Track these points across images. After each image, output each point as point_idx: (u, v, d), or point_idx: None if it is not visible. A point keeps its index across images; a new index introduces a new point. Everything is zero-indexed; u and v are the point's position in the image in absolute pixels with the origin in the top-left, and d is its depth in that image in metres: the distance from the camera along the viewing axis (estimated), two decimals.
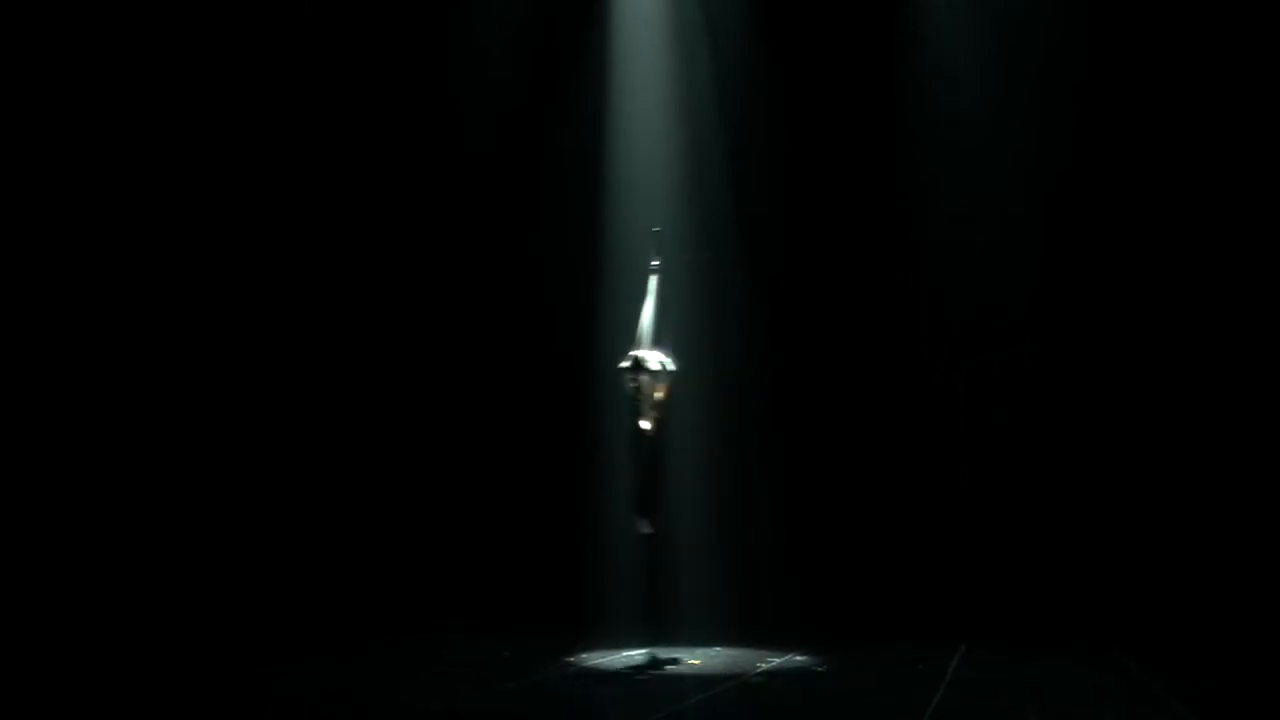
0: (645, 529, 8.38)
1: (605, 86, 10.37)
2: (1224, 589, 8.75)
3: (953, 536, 9.51)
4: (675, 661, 7.92)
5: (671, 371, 8.49)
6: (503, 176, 10.49)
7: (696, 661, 7.81)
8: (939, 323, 9.81)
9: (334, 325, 10.24)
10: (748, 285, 10.19)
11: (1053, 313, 9.53)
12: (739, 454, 9.99)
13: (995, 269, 9.64)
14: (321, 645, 8.44)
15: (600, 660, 7.84)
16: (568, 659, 7.82)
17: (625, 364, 8.36)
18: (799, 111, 10.12)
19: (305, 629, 9.00)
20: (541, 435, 10.29)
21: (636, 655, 8.07)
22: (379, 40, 10.35)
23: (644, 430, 8.28)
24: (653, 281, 8.67)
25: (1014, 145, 9.58)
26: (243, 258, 10.00)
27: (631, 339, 8.59)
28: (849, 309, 9.95)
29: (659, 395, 8.37)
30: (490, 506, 10.26)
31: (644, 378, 8.30)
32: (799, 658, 7.91)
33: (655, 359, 8.41)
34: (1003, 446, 9.55)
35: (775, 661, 7.79)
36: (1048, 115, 9.59)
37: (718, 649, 8.32)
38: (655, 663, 7.89)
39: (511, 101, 10.43)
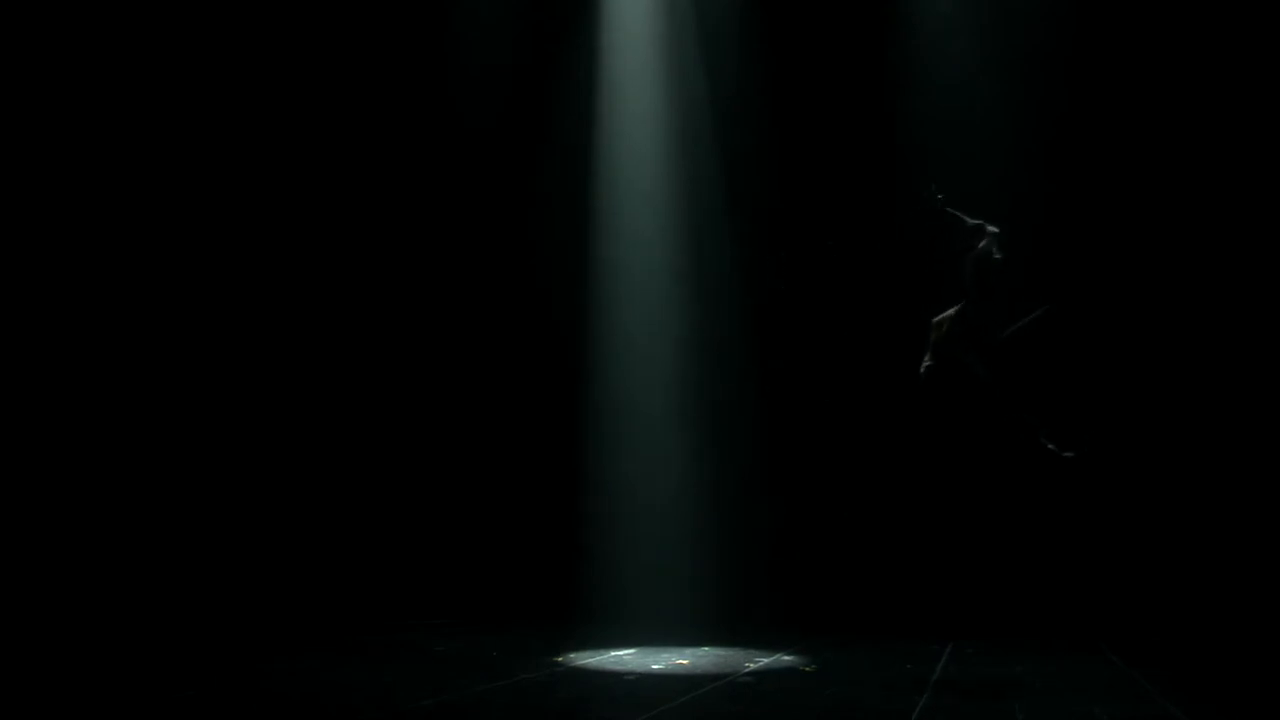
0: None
1: (598, 85, 10.40)
2: (1209, 586, 8.80)
3: (941, 536, 9.54)
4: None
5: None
6: (498, 176, 10.52)
7: (685, 661, 7.80)
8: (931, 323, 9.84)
9: (328, 324, 10.25)
10: (740, 284, 10.23)
11: (1042, 314, 9.56)
12: (731, 451, 10.02)
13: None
14: (312, 640, 8.43)
15: (588, 659, 7.84)
16: (556, 657, 7.81)
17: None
18: (796, 109, 10.16)
19: (296, 624, 8.99)
20: (533, 430, 10.31)
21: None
22: (369, 41, 10.37)
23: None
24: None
25: (1011, 146, 9.63)
26: (237, 257, 10.01)
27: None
28: (843, 310, 9.98)
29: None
30: (481, 505, 10.28)
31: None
32: (787, 657, 7.91)
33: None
34: (990, 446, 9.57)
35: (764, 661, 7.78)
36: (1044, 118, 9.63)
37: (706, 648, 8.33)
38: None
39: (505, 94, 10.46)
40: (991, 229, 8.11)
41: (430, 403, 10.47)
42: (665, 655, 8.02)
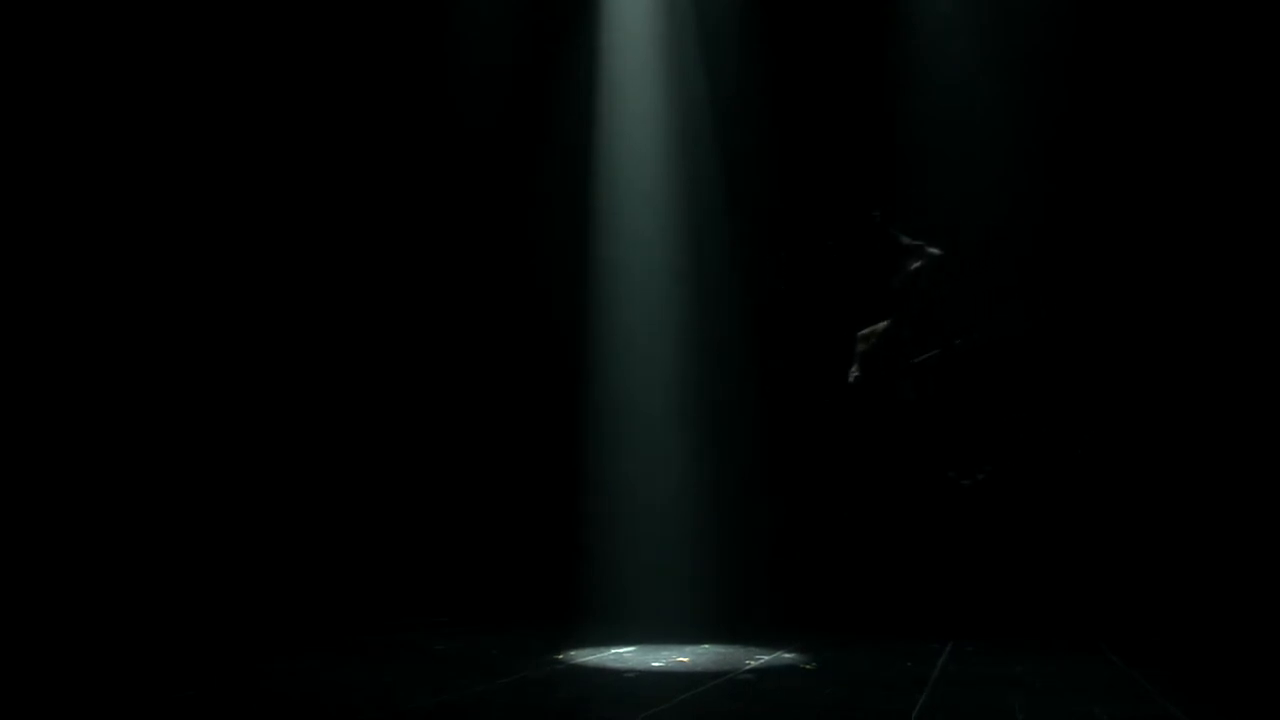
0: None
1: (598, 85, 10.40)
2: (1210, 585, 8.79)
3: (940, 534, 9.54)
4: None
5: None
6: (498, 176, 10.52)
7: (685, 659, 7.81)
8: (928, 319, 9.84)
9: (328, 324, 10.26)
10: (740, 284, 10.23)
11: (1041, 310, 9.57)
12: (730, 451, 10.02)
13: (985, 267, 9.67)
14: (312, 640, 8.43)
15: (588, 657, 7.84)
16: (556, 655, 7.82)
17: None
18: (796, 109, 10.16)
19: (296, 624, 8.98)
20: (532, 426, 10.31)
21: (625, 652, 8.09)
22: (369, 41, 10.38)
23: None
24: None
25: (1011, 146, 9.63)
26: (236, 256, 10.02)
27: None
28: (841, 307, 9.97)
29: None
30: (480, 502, 10.28)
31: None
32: (787, 655, 7.92)
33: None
34: (991, 443, 9.58)
35: (764, 658, 7.79)
36: (1044, 118, 9.63)
37: (706, 646, 8.33)
38: None
39: (505, 94, 10.47)
40: (932, 251, 8.21)
41: (430, 403, 10.46)
42: (665, 653, 8.03)
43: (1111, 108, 9.52)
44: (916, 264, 8.08)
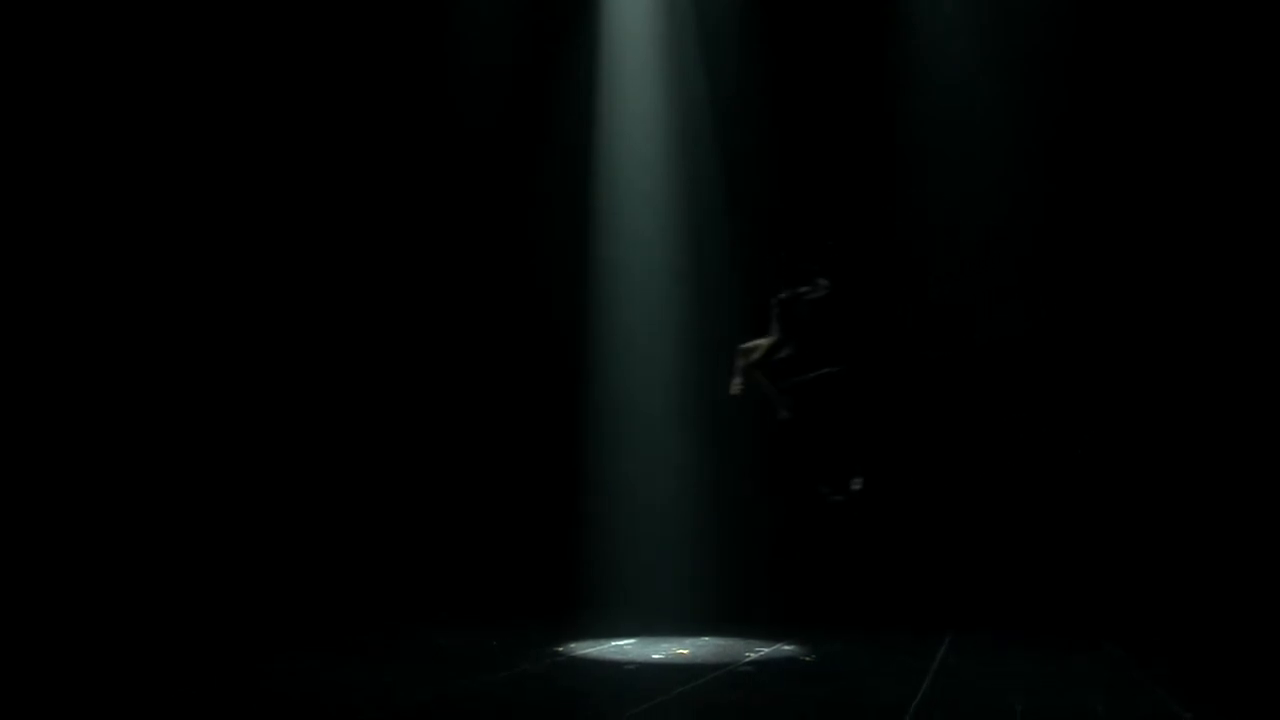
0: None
1: (598, 85, 10.42)
2: (1210, 579, 8.78)
3: (941, 527, 9.53)
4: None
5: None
6: (498, 176, 10.53)
7: (685, 651, 7.81)
8: (929, 316, 9.85)
9: (329, 324, 10.25)
10: (740, 284, 10.23)
11: (1042, 306, 9.57)
12: (730, 451, 10.01)
13: (985, 266, 9.68)
14: (312, 634, 8.43)
15: (589, 650, 7.84)
16: (556, 649, 7.81)
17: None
18: (796, 109, 10.17)
19: (296, 624, 8.97)
20: (532, 426, 10.31)
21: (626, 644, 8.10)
22: (370, 41, 10.40)
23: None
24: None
25: (1011, 146, 9.64)
26: (237, 256, 10.03)
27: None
28: (841, 303, 9.97)
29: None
30: (481, 497, 10.27)
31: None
32: (787, 647, 7.92)
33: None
34: (991, 438, 9.58)
35: (764, 651, 7.79)
36: (1044, 118, 9.64)
37: (707, 638, 8.33)
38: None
39: (505, 94, 10.48)
40: (822, 281, 8.34)
41: (431, 402, 10.46)
42: (665, 645, 8.03)
43: (1111, 108, 9.52)
44: (803, 289, 8.32)
